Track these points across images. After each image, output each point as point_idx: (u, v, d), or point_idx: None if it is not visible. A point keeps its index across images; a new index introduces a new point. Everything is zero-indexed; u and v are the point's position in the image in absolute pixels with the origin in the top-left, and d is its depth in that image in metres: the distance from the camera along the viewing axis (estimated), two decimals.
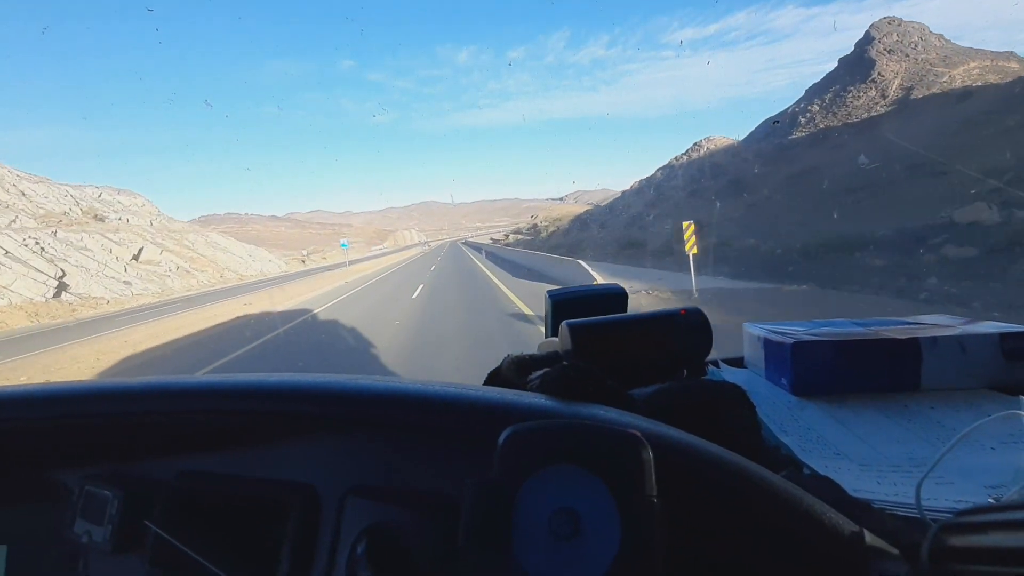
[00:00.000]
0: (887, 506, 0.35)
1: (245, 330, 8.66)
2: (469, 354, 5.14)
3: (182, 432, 0.42)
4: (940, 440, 0.43)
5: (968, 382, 0.50)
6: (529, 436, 0.28)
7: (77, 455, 0.44)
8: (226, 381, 0.41)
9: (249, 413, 0.40)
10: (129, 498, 0.40)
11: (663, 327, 0.55)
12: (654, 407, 0.42)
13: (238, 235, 75.07)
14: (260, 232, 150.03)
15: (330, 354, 6.01)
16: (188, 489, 0.40)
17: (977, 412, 0.46)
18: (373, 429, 0.38)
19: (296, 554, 0.36)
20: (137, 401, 0.42)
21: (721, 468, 0.30)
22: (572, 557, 0.25)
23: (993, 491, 0.36)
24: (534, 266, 16.81)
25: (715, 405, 0.45)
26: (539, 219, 60.19)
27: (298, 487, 0.38)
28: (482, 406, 0.35)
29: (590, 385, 0.38)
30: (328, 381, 0.40)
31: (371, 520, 0.34)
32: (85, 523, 0.40)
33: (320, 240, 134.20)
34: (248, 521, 0.38)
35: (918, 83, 23.14)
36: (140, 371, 6.46)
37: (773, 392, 0.54)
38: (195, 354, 7.25)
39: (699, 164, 30.79)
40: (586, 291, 0.72)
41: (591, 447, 0.27)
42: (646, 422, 0.33)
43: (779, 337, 0.54)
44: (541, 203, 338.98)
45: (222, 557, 0.36)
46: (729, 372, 0.61)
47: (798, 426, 0.47)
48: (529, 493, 0.26)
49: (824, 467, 0.41)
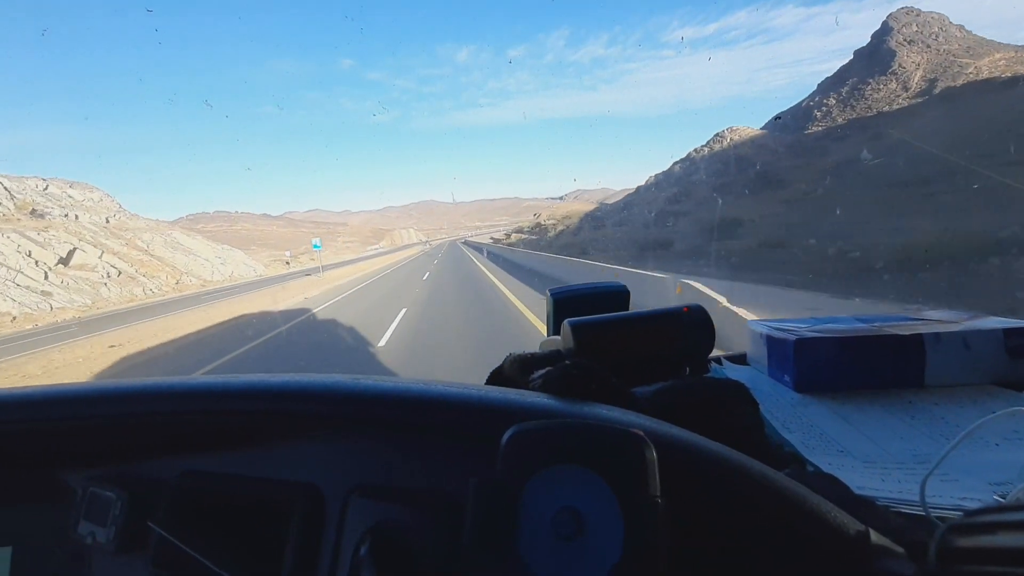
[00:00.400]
0: (891, 503, 0.35)
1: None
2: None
3: (185, 433, 0.42)
4: (944, 437, 0.43)
5: (972, 378, 0.49)
6: (532, 436, 0.28)
7: (81, 456, 0.45)
8: (229, 381, 0.41)
9: (252, 413, 0.40)
10: (133, 499, 0.40)
11: (665, 325, 0.55)
12: (657, 405, 0.42)
13: (225, 234, 72.94)
14: (250, 231, 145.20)
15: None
16: (191, 490, 0.40)
17: (981, 409, 0.46)
18: (376, 429, 0.38)
19: (300, 554, 0.36)
20: (140, 402, 0.42)
21: (724, 467, 0.30)
22: (576, 557, 0.25)
23: (998, 488, 0.36)
24: (555, 273, 12.81)
25: (718, 403, 0.45)
26: (543, 217, 57.39)
27: (301, 487, 0.38)
28: (484, 405, 0.35)
29: (592, 384, 0.38)
30: (331, 381, 0.40)
31: (374, 520, 0.34)
32: (89, 524, 0.40)
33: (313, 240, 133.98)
34: (251, 521, 0.38)
35: (942, 74, 22.24)
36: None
37: (776, 389, 0.54)
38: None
39: (722, 156, 29.29)
40: (588, 289, 0.72)
41: (594, 446, 0.27)
42: (649, 421, 0.33)
43: (782, 334, 0.54)
44: (541, 202, 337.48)
45: (225, 558, 0.36)
46: (732, 369, 0.61)
47: (801, 423, 0.47)
48: (532, 493, 0.26)
49: (828, 464, 0.41)
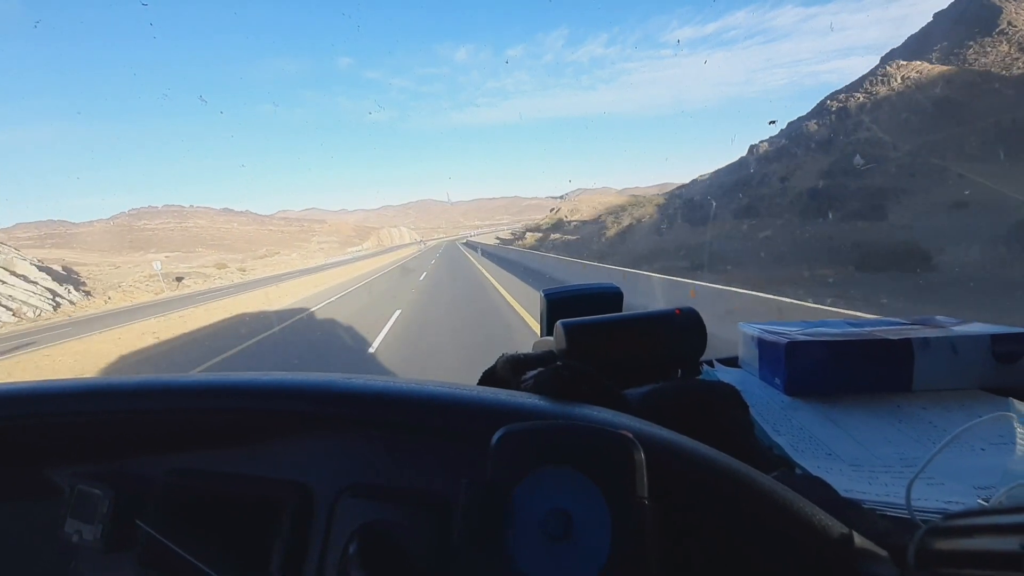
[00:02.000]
0: (877, 506, 0.36)
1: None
2: None
3: (174, 430, 0.42)
4: (931, 441, 0.44)
5: (960, 383, 0.50)
6: (521, 437, 0.28)
7: (68, 453, 0.44)
8: (219, 379, 0.41)
9: (242, 411, 0.40)
10: (120, 497, 0.40)
11: (658, 327, 0.55)
12: (648, 407, 0.42)
13: (165, 233, 63.47)
14: (202, 229, 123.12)
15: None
16: (180, 487, 0.40)
17: (968, 413, 0.46)
18: (367, 428, 0.38)
19: (288, 553, 0.36)
20: (129, 399, 0.42)
21: (712, 470, 0.30)
22: (565, 557, 0.25)
23: (982, 492, 0.37)
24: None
25: (709, 405, 0.45)
26: (564, 212, 43.88)
27: (291, 486, 0.38)
28: (476, 406, 0.35)
29: (583, 385, 0.38)
30: (323, 380, 0.40)
31: (364, 519, 0.34)
32: (76, 522, 0.40)
33: (283, 240, 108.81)
34: (240, 520, 0.38)
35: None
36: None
37: (767, 392, 0.54)
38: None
39: (907, 101, 17.95)
40: (582, 290, 0.72)
41: (583, 448, 0.27)
42: (639, 423, 0.33)
43: (773, 337, 0.55)
44: (541, 201, 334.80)
45: (214, 556, 0.36)
46: (724, 372, 0.61)
47: (791, 426, 0.47)
48: (522, 493, 0.26)
49: (816, 467, 0.41)
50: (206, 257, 45.49)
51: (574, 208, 39.98)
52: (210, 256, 49.70)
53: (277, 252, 64.24)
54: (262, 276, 34.24)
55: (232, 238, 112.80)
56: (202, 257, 43.36)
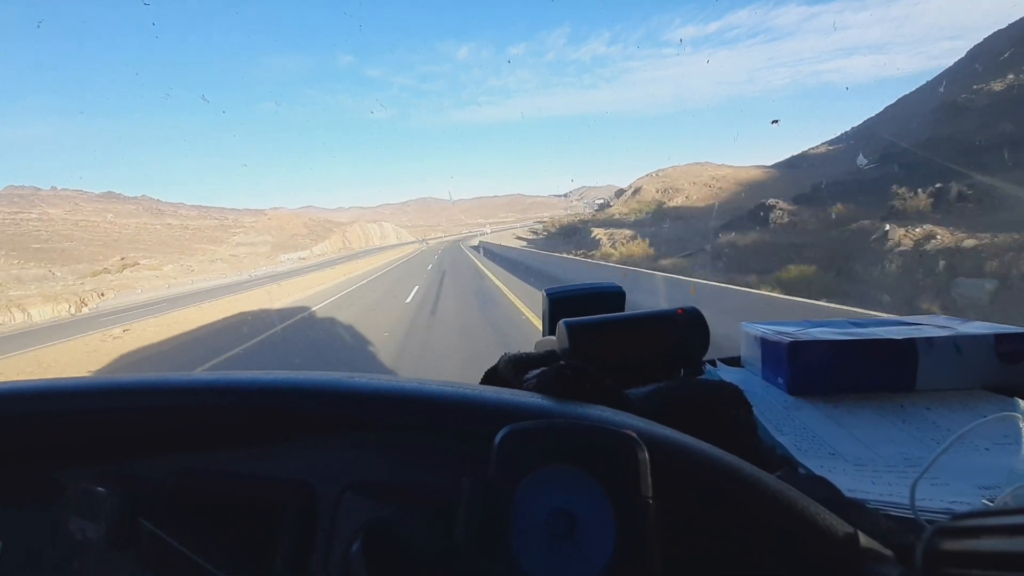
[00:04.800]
0: (881, 506, 0.36)
1: None
2: None
3: (178, 429, 0.42)
4: (935, 441, 0.43)
5: (963, 383, 0.50)
6: (525, 436, 0.28)
7: (72, 452, 0.44)
8: (223, 378, 0.41)
9: (246, 411, 0.40)
10: (125, 496, 0.40)
11: (661, 326, 0.55)
12: (651, 407, 0.42)
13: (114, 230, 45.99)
14: (47, 223, 77.98)
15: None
16: (184, 487, 0.40)
17: (972, 413, 0.46)
18: (371, 427, 0.38)
19: (292, 552, 0.36)
20: (133, 398, 0.42)
21: (716, 469, 0.30)
22: (568, 557, 0.25)
23: (987, 492, 0.36)
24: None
25: (712, 405, 0.45)
26: (619, 207, 28.08)
27: (295, 484, 0.38)
28: (478, 405, 0.35)
29: (586, 384, 0.38)
30: (326, 379, 0.40)
31: (368, 518, 0.34)
32: (80, 521, 0.40)
33: (182, 240, 76.31)
34: (244, 519, 0.38)
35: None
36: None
37: (770, 392, 0.54)
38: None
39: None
40: (584, 289, 0.72)
41: (587, 447, 0.27)
42: (642, 422, 0.33)
43: (776, 337, 0.55)
44: (544, 199, 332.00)
45: (218, 555, 0.36)
46: (726, 371, 0.61)
47: (794, 426, 0.47)
48: (526, 493, 0.26)
49: (819, 467, 0.41)
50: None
51: (668, 187, 22.81)
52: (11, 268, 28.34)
53: (146, 259, 42.54)
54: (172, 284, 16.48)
55: (195, 239, 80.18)
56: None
